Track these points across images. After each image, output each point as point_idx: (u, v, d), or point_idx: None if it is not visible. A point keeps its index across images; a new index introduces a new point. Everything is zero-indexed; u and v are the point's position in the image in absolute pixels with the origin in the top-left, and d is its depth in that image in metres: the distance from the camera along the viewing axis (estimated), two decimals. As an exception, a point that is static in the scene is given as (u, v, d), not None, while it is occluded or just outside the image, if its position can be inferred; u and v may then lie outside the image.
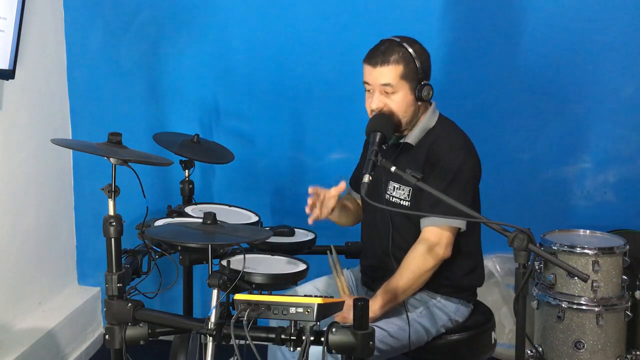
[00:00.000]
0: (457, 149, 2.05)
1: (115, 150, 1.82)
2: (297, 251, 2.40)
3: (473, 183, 2.08)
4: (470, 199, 2.03)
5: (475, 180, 2.10)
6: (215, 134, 3.16)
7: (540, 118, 3.07)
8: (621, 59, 2.97)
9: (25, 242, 2.89)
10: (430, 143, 2.08)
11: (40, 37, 2.95)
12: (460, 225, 2.02)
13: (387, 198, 2.13)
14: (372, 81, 2.06)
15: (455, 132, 2.12)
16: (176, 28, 3.14)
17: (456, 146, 2.06)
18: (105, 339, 1.81)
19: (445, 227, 2.00)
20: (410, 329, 2.01)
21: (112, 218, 1.79)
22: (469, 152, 2.08)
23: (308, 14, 3.05)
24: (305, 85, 3.11)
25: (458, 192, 1.96)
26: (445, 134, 2.09)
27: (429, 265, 2.00)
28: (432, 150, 2.06)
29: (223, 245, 2.02)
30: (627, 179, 3.05)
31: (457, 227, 2.02)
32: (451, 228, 2.01)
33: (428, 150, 2.07)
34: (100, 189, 1.78)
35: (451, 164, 2.02)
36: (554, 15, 2.96)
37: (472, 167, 2.06)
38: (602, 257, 2.40)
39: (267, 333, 1.63)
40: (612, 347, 2.41)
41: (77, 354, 3.07)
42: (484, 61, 3.02)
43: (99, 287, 3.34)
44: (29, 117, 2.88)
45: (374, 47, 2.07)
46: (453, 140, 2.08)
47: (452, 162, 2.02)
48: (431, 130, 2.11)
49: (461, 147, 2.06)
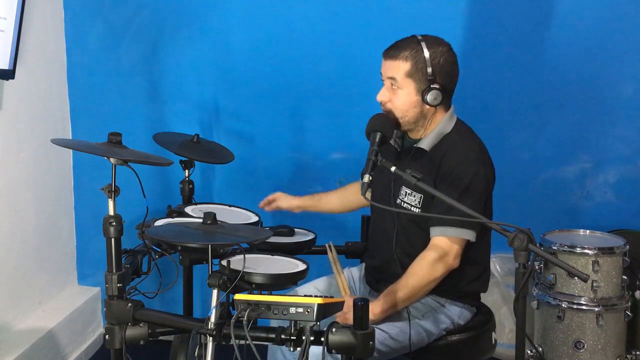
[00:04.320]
0: (470, 160, 2.01)
1: (115, 150, 1.82)
2: (297, 251, 2.40)
3: (485, 195, 2.05)
4: (480, 211, 1.96)
5: (487, 191, 2.06)
6: (215, 134, 3.16)
7: (541, 118, 3.07)
8: (621, 59, 2.97)
9: (25, 242, 2.89)
10: (444, 150, 2.04)
11: (40, 37, 2.95)
12: (470, 237, 1.99)
13: (399, 203, 2.11)
14: (382, 72, 2.06)
15: (470, 141, 2.07)
16: (176, 28, 3.14)
17: (470, 156, 2.01)
18: (105, 339, 1.81)
19: (455, 238, 1.98)
20: (411, 331, 2.00)
21: (112, 218, 1.79)
22: (482, 162, 2.03)
23: (308, 14, 3.05)
24: (305, 85, 3.11)
25: (469, 203, 1.89)
26: (460, 142, 2.05)
27: (437, 274, 1.98)
28: (445, 158, 2.02)
29: (223, 245, 2.02)
30: (627, 179, 3.05)
31: (467, 239, 2.00)
32: (461, 240, 1.99)
33: (442, 157, 2.03)
34: (100, 189, 1.78)
35: (464, 175, 1.98)
36: (555, 18, 2.96)
37: (485, 178, 2.02)
38: (602, 257, 2.40)
39: (267, 333, 1.63)
40: (612, 347, 2.42)
41: (77, 354, 3.07)
42: (484, 61, 3.02)
43: (99, 287, 3.34)
44: (29, 117, 2.88)
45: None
46: (467, 150, 2.03)
47: (465, 173, 1.99)
48: (447, 136, 2.07)
49: (475, 157, 2.02)
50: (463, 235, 1.98)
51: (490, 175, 2.07)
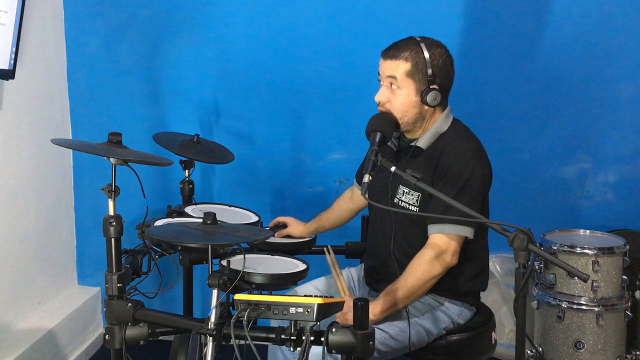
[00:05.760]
0: (467, 157, 2.02)
1: (115, 150, 1.82)
2: (297, 251, 2.40)
3: (482, 192, 2.05)
4: (478, 208, 1.99)
5: (484, 189, 2.07)
6: (215, 134, 3.16)
7: (540, 118, 3.07)
8: (621, 59, 2.97)
9: (25, 242, 2.89)
10: (441, 148, 2.05)
11: (40, 37, 2.95)
12: (468, 234, 2.00)
13: (397, 202, 2.12)
14: (381, 73, 2.06)
15: (467, 139, 2.09)
16: (176, 28, 3.14)
17: (467, 154, 2.02)
18: (105, 339, 1.81)
19: (453, 235, 1.98)
20: (411, 331, 2.00)
21: (112, 218, 1.79)
22: (479, 160, 2.04)
23: (308, 13, 3.05)
24: (305, 85, 3.11)
25: (466, 201, 1.91)
26: (457, 140, 2.06)
27: (435, 272, 1.98)
28: (442, 156, 2.03)
29: (223, 245, 2.02)
30: (627, 179, 3.05)
31: (465, 236, 2.00)
32: (459, 237, 1.99)
33: (439, 155, 2.04)
34: (100, 189, 1.78)
35: (460, 172, 1.99)
36: (554, 17, 2.96)
37: (482, 176, 2.03)
38: (602, 257, 2.40)
39: (267, 333, 1.63)
40: (612, 347, 2.41)
41: (77, 354, 3.07)
42: (484, 62, 3.02)
43: (99, 287, 3.34)
44: (29, 117, 2.88)
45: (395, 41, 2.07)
46: (464, 148, 2.04)
47: (462, 170, 1.99)
48: (443, 134, 2.08)
49: (472, 155, 2.03)
50: (461, 233, 1.99)
51: (487, 173, 2.08)
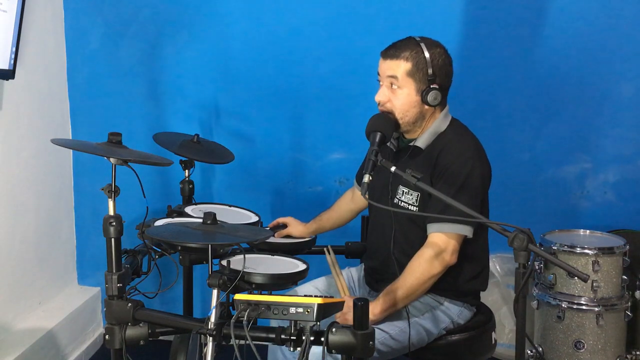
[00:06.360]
0: (466, 156, 2.02)
1: (115, 150, 1.82)
2: (297, 251, 2.40)
3: (481, 191, 2.05)
4: (477, 207, 1.99)
5: (483, 188, 2.07)
6: (215, 134, 3.16)
7: (541, 118, 3.07)
8: (621, 60, 2.97)
9: (25, 242, 2.89)
10: (440, 148, 2.05)
11: (40, 37, 2.95)
12: (467, 233, 2.00)
13: (397, 202, 2.12)
14: (381, 72, 2.06)
15: (465, 138, 2.09)
16: (176, 28, 3.14)
17: (466, 153, 2.03)
18: (105, 339, 1.81)
19: (452, 234, 1.98)
20: (412, 331, 2.00)
21: (112, 218, 1.79)
22: (478, 159, 2.04)
23: (308, 14, 3.05)
24: (305, 86, 3.11)
25: (465, 199, 1.92)
26: (456, 140, 2.07)
27: (435, 271, 1.98)
28: (441, 155, 2.04)
29: (223, 245, 2.02)
30: (627, 179, 3.05)
31: (464, 235, 2.00)
32: (458, 235, 1.99)
33: (438, 155, 2.04)
34: (100, 189, 1.78)
35: (459, 171, 1.99)
36: (554, 17, 2.96)
37: (481, 174, 2.03)
38: (602, 257, 2.40)
39: (267, 333, 1.63)
40: (612, 347, 2.41)
41: (77, 354, 3.07)
42: (484, 62, 3.02)
43: (99, 287, 3.34)
44: (29, 117, 2.88)
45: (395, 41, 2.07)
46: (463, 147, 2.04)
47: (461, 169, 2.00)
48: (442, 134, 2.09)
49: (471, 154, 2.03)
50: (460, 231, 1.99)
51: (486, 172, 2.08)
